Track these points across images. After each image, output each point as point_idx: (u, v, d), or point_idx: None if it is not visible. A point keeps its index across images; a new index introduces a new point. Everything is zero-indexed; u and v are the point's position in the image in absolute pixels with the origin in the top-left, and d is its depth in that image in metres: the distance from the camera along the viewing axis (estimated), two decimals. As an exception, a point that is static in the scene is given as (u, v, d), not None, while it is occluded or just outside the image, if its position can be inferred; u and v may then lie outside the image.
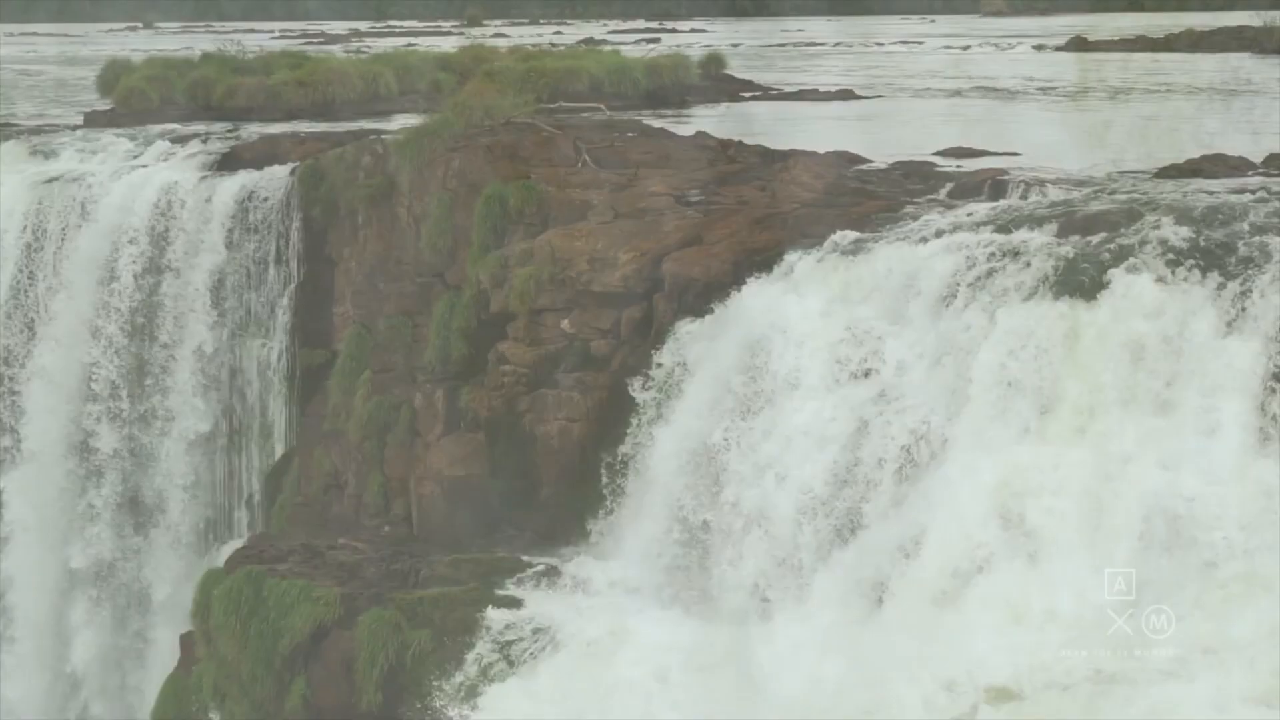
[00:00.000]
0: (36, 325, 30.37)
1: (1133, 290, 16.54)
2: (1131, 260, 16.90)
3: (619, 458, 20.77)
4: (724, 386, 19.58)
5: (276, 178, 28.60)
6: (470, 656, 18.95)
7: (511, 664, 18.62)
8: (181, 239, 28.82)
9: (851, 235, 20.03)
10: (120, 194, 29.70)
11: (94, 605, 29.69)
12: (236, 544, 25.31)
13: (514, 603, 19.51)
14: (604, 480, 20.84)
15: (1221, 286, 16.35)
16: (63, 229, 30.19)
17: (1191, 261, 16.64)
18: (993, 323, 17.25)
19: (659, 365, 20.60)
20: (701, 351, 20.26)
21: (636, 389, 20.69)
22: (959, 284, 17.97)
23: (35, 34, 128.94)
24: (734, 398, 19.42)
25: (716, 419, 19.52)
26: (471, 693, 18.60)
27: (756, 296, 20.04)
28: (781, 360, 19.11)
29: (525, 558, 20.70)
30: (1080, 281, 16.98)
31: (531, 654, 18.57)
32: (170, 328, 28.85)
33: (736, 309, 20.14)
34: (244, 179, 28.93)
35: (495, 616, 19.24)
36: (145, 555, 29.44)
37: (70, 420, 29.74)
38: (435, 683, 19.07)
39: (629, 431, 20.68)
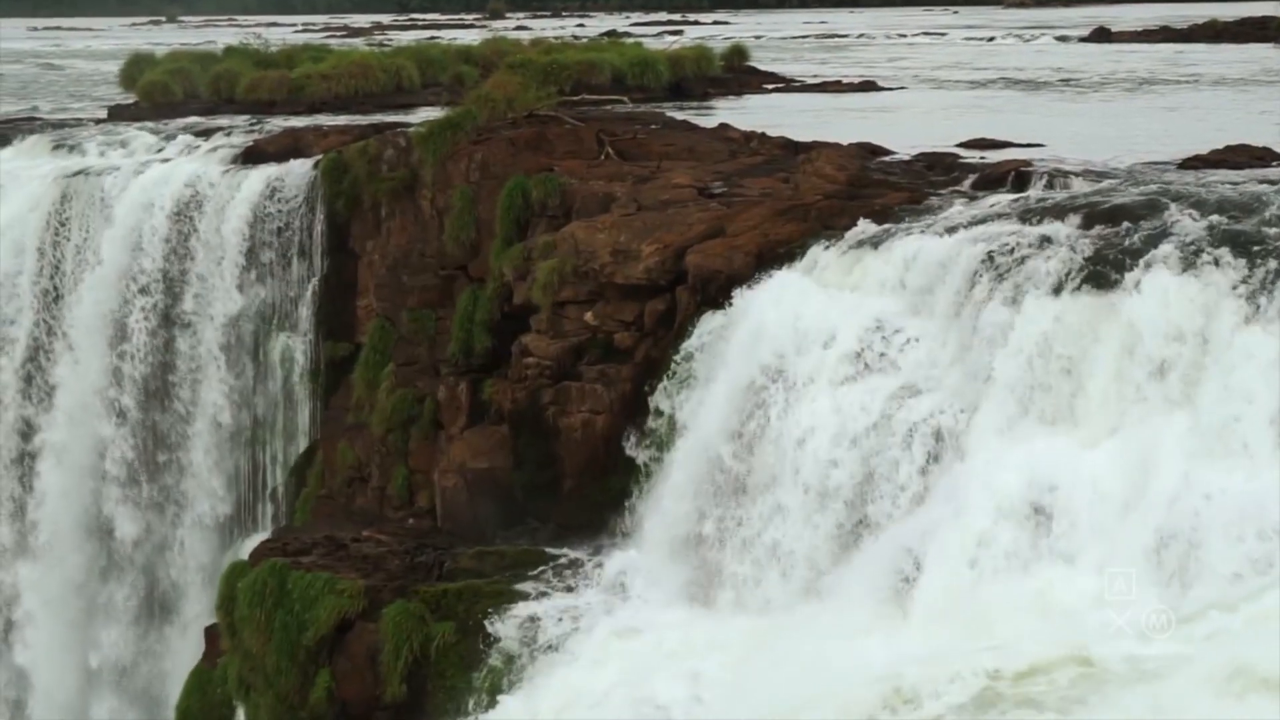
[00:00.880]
0: (57, 394, 29.31)
1: (1156, 284, 16.33)
2: (1155, 253, 16.72)
3: (619, 533, 20.39)
4: (715, 465, 18.74)
5: (299, 172, 28.59)
6: (494, 649, 18.96)
7: (534, 657, 18.61)
8: (195, 285, 28.40)
9: (871, 228, 19.87)
10: (126, 221, 28.93)
11: (115, 711, 28.93)
12: (261, 537, 25.35)
13: (537, 595, 19.51)
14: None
15: (1246, 278, 16.13)
16: (78, 269, 29.55)
17: (1215, 253, 16.46)
18: (1014, 319, 16.98)
19: (658, 412, 20.03)
20: (694, 405, 19.55)
21: (632, 445, 20.31)
22: (979, 279, 17.69)
23: (59, 28, 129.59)
24: (726, 477, 18.56)
25: (706, 502, 18.71)
26: (495, 685, 18.60)
27: (748, 315, 19.37)
28: (781, 422, 18.20)
29: (549, 550, 20.71)
30: (1103, 275, 16.81)
31: (553, 647, 18.54)
32: (185, 394, 28.30)
33: (733, 339, 19.38)
34: (257, 190, 28.46)
35: (519, 609, 19.24)
36: (162, 654, 28.69)
37: (85, 505, 28.84)
38: (459, 675, 19.09)
39: (628, 504, 20.26)
